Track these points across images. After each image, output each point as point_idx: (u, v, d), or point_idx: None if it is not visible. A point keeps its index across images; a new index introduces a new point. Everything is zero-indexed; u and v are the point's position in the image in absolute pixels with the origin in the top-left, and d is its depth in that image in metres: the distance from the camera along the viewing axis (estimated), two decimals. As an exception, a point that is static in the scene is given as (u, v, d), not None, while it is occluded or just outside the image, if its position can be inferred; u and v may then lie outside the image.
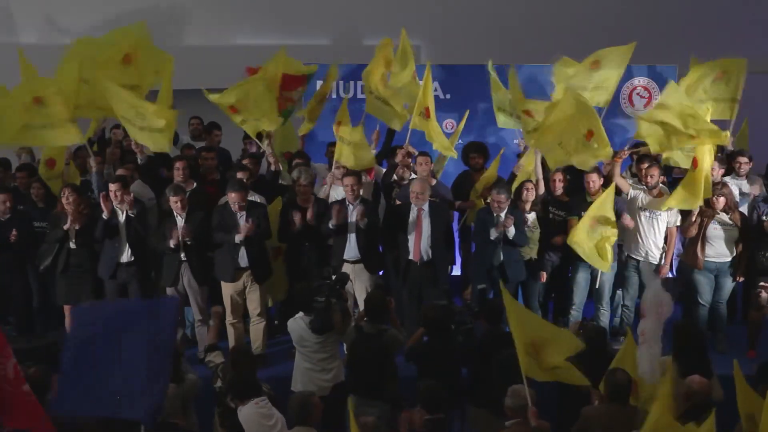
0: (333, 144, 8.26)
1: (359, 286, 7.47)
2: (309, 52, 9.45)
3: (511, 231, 7.37)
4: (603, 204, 7.37)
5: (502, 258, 7.46)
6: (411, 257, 7.49)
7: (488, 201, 7.68)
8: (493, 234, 7.37)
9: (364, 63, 8.46)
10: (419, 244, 7.46)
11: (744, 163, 8.30)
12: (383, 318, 6.24)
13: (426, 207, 7.47)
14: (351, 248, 7.46)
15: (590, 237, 7.41)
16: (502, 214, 7.40)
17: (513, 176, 8.24)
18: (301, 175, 7.59)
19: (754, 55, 8.74)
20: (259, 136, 8.28)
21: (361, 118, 8.31)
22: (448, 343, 6.12)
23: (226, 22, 11.45)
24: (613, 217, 7.41)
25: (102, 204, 7.32)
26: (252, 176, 7.98)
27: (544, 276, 7.83)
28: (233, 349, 6.54)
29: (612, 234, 7.43)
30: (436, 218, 7.49)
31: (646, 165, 7.83)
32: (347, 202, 7.49)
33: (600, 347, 6.12)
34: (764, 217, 7.56)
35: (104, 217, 7.31)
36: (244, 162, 8.24)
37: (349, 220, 7.43)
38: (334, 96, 9.12)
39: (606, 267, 7.54)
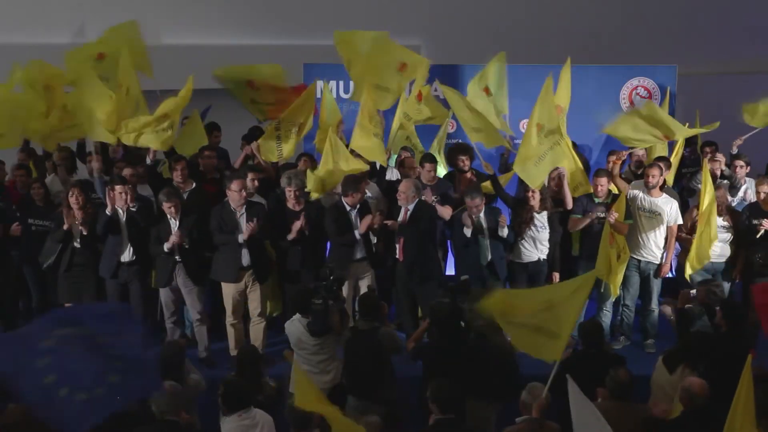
0: None
1: (364, 283, 7.50)
2: (307, 53, 9.45)
3: (505, 231, 7.43)
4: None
5: (489, 257, 7.51)
6: (397, 256, 7.56)
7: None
8: (468, 233, 7.43)
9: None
10: (402, 243, 7.48)
11: (739, 167, 8.35)
12: (376, 315, 6.24)
13: (411, 207, 7.47)
14: (359, 248, 7.52)
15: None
16: (482, 215, 7.46)
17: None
18: (291, 182, 7.53)
19: (753, 56, 8.74)
20: None
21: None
22: (457, 341, 6.10)
23: (224, 22, 11.47)
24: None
25: (107, 200, 7.29)
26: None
27: (556, 276, 7.87)
28: (240, 351, 6.44)
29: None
30: (417, 219, 7.47)
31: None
32: (348, 207, 7.48)
33: (597, 344, 6.11)
34: (755, 221, 7.57)
35: (107, 212, 7.28)
36: (255, 163, 8.26)
37: (353, 226, 7.43)
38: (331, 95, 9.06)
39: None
